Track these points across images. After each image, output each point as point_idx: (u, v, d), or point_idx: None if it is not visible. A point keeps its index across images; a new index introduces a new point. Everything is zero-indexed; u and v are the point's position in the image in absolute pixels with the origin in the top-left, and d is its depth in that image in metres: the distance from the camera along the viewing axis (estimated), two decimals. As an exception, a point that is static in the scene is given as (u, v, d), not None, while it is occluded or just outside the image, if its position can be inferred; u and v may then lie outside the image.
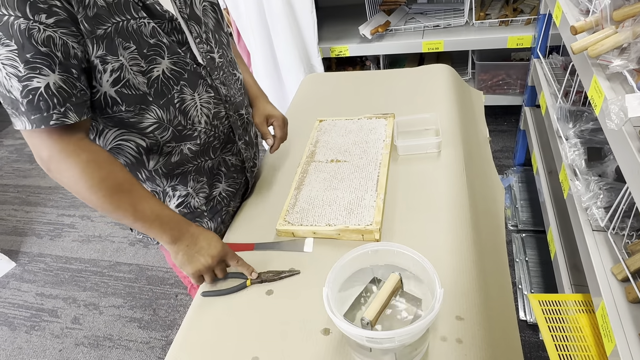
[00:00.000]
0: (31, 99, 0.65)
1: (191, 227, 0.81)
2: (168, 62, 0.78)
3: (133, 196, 0.75)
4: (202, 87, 0.85)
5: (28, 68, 0.63)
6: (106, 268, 2.06)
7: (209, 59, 0.86)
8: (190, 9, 0.84)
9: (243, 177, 1.03)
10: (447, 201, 0.95)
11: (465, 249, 0.86)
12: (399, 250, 0.70)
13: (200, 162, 0.91)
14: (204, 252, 0.80)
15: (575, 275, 1.19)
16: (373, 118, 1.21)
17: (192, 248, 0.80)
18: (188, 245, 0.80)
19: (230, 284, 0.86)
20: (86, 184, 0.71)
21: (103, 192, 0.72)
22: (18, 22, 0.61)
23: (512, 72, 2.04)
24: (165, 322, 1.74)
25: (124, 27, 0.71)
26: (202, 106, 0.86)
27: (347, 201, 0.95)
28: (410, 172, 1.04)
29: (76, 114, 0.69)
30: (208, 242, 0.81)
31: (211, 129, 0.89)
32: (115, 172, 0.74)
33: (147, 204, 0.76)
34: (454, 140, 1.12)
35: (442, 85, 1.34)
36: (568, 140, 1.20)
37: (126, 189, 0.74)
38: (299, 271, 0.86)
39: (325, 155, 1.11)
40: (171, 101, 0.80)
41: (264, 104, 1.09)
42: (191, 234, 0.80)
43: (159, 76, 0.77)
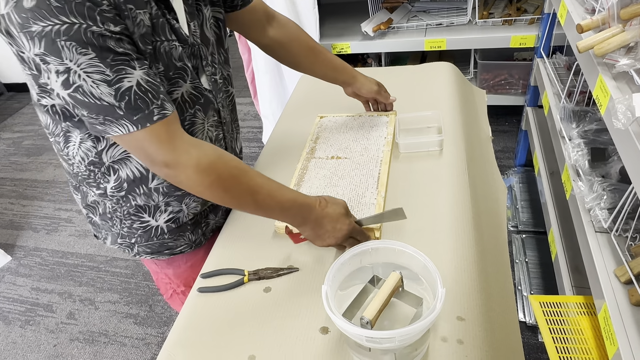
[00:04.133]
0: (128, 100, 0.63)
1: (313, 211, 0.78)
2: (189, 85, 0.77)
3: (250, 186, 0.73)
4: (211, 111, 0.85)
5: (114, 71, 0.61)
6: (102, 263, 2.05)
7: (213, 81, 0.85)
8: (201, 31, 0.81)
9: None
10: (449, 200, 0.93)
11: (467, 248, 0.84)
12: (400, 248, 0.69)
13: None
14: (329, 234, 0.79)
15: (577, 277, 1.18)
16: (375, 115, 1.19)
17: (318, 230, 0.79)
18: (313, 228, 0.79)
19: (226, 280, 0.84)
20: (205, 179, 0.69)
21: (221, 187, 0.71)
22: (91, 30, 0.59)
23: (514, 72, 2.02)
24: (161, 319, 1.72)
25: (158, 48, 0.70)
26: (208, 129, 0.86)
27: (348, 198, 0.94)
28: (411, 170, 1.03)
29: (170, 103, 0.68)
30: (333, 225, 0.79)
31: None
32: (229, 162, 0.72)
33: (266, 192, 0.74)
34: (456, 139, 1.10)
35: (445, 83, 1.32)
36: (571, 141, 1.19)
37: (242, 181, 0.73)
38: (297, 268, 0.84)
39: (325, 151, 1.10)
40: (182, 123, 0.78)
41: (367, 78, 1.11)
42: (314, 218, 0.78)
43: (177, 98, 0.76)
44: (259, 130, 2.56)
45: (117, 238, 0.92)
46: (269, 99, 2.13)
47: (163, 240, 0.93)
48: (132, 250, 0.95)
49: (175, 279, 1.05)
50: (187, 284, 1.05)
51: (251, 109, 2.93)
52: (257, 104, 2.27)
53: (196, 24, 0.79)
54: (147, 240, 0.91)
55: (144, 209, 0.86)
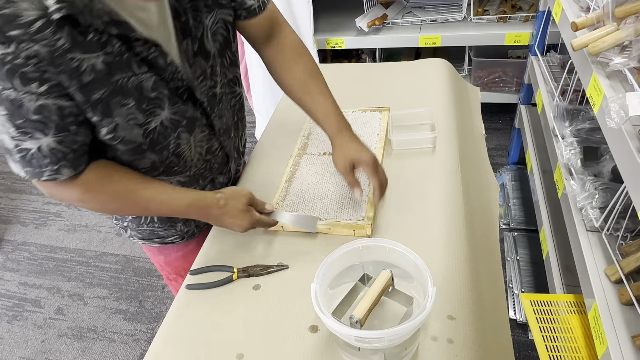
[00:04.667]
0: (24, 155, 0.64)
1: (212, 211, 0.79)
2: (168, 112, 0.74)
3: (140, 204, 0.76)
4: (198, 128, 0.82)
5: (20, 132, 0.61)
6: (92, 258, 2.02)
7: (211, 95, 0.81)
8: (200, 44, 0.75)
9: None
10: (441, 198, 0.93)
11: (459, 246, 0.84)
12: (390, 246, 0.68)
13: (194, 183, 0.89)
14: (232, 227, 0.82)
15: (567, 275, 1.18)
16: (367, 111, 1.18)
17: (220, 224, 0.82)
18: (215, 222, 0.83)
19: (216, 277, 0.83)
20: (92, 207, 0.77)
21: (111, 210, 0.82)
22: (7, 93, 0.57)
23: (508, 70, 2.02)
24: (151, 315, 1.71)
25: (124, 85, 0.66)
26: (196, 145, 0.83)
27: (339, 195, 0.93)
28: (404, 167, 1.02)
29: (72, 168, 0.67)
30: (233, 220, 0.80)
31: (203, 163, 0.88)
32: (115, 188, 0.74)
33: (157, 204, 0.76)
34: (449, 136, 1.09)
35: (439, 79, 1.31)
36: (564, 139, 1.18)
37: (131, 201, 0.75)
38: (287, 266, 0.83)
39: (317, 147, 1.08)
40: (166, 147, 0.78)
41: (347, 143, 0.86)
42: (215, 216, 0.80)
43: (156, 127, 0.74)
44: (252, 125, 2.54)
45: (112, 219, 0.96)
46: (262, 94, 2.11)
47: (153, 228, 0.93)
48: (125, 232, 0.97)
49: (166, 266, 1.05)
50: (178, 273, 1.05)
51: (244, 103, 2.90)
52: (251, 99, 2.24)
53: (189, 42, 0.73)
54: (138, 226, 0.93)
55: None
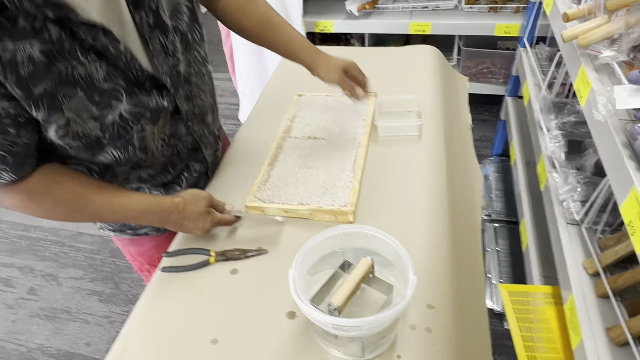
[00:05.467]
0: None
1: (170, 216, 0.76)
2: (127, 104, 0.67)
3: (89, 211, 0.71)
4: (163, 117, 0.75)
5: None
6: (67, 238, 1.97)
7: (174, 74, 0.73)
8: (156, 17, 0.67)
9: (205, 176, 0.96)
10: (425, 186, 0.92)
11: (441, 236, 0.83)
12: (372, 233, 0.66)
13: (158, 180, 0.85)
14: (192, 230, 0.80)
15: (546, 267, 1.20)
16: (354, 96, 1.16)
17: (180, 229, 0.80)
18: (174, 227, 0.79)
19: (192, 260, 0.81)
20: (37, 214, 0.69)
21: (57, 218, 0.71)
22: None
23: (497, 61, 2.01)
24: (127, 297, 1.68)
25: (69, 75, 0.59)
26: (159, 132, 0.76)
27: (322, 180, 0.91)
28: (389, 154, 1.00)
29: (13, 173, 0.61)
30: (194, 224, 0.78)
31: (169, 148, 0.80)
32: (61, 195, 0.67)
33: (108, 211, 0.72)
34: (435, 125, 1.08)
35: (428, 67, 1.30)
36: (549, 132, 1.18)
37: (79, 208, 0.70)
38: (266, 250, 0.81)
39: (302, 131, 1.06)
40: (130, 142, 0.70)
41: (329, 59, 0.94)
42: (173, 221, 0.77)
43: (115, 120, 0.66)
44: (236, 107, 2.49)
45: None
46: (247, 74, 2.06)
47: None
48: (95, 223, 0.92)
49: (138, 257, 1.01)
50: (151, 263, 1.01)
51: (229, 85, 2.84)
52: (235, 80, 2.19)
53: (143, 14, 0.65)
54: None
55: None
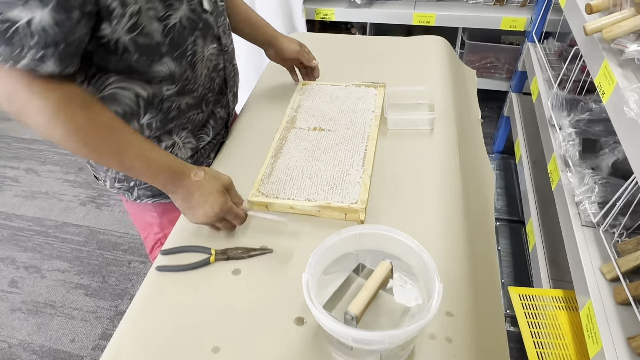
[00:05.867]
0: (6, 29, 0.51)
1: (185, 180, 0.71)
2: (186, 8, 0.70)
3: (117, 144, 0.65)
4: (210, 37, 0.79)
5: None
6: (52, 228, 1.88)
7: (213, 2, 0.78)
8: None
9: (225, 129, 0.99)
10: (439, 183, 0.86)
11: (457, 236, 0.78)
12: (391, 235, 0.61)
13: (192, 115, 0.84)
14: (199, 209, 0.71)
15: (554, 269, 1.16)
16: (362, 86, 1.10)
17: (188, 202, 0.72)
18: (183, 198, 0.72)
19: (190, 258, 0.74)
20: (60, 131, 0.60)
21: (80, 141, 0.62)
22: None
23: (501, 56, 1.97)
24: (115, 291, 1.60)
25: None
26: (207, 59, 0.80)
27: (330, 175, 0.85)
28: (399, 148, 0.95)
29: (58, 62, 0.56)
30: (205, 198, 0.71)
31: (208, 81, 0.83)
32: (95, 116, 0.63)
33: (134, 152, 0.66)
34: (447, 118, 1.03)
35: (437, 58, 1.24)
36: (562, 130, 1.14)
37: (108, 137, 0.65)
38: (271, 250, 0.75)
39: (307, 122, 1.00)
40: (184, 54, 0.74)
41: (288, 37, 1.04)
42: (186, 187, 0.71)
43: (176, 24, 0.70)
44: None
45: (115, 182, 0.87)
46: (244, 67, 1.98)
47: None
48: (132, 194, 0.89)
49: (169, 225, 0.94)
50: None
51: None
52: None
53: None
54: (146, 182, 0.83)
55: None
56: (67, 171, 2.17)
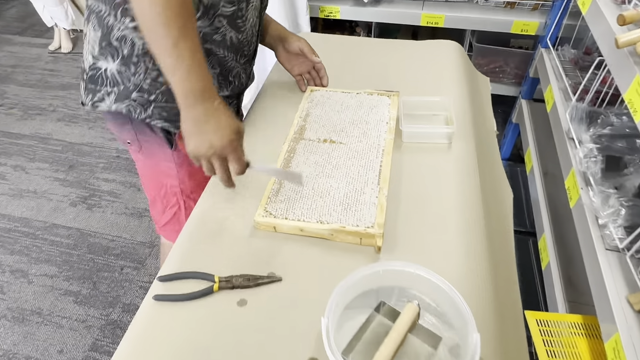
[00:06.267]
0: None
1: (209, 101, 0.69)
2: None
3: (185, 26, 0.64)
4: None
5: None
6: (40, 230, 1.80)
7: None
8: None
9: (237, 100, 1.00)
10: (459, 202, 0.81)
11: (479, 261, 0.73)
12: (418, 273, 0.55)
13: (227, 56, 0.85)
14: (209, 137, 0.69)
15: (569, 289, 1.11)
16: (374, 94, 1.03)
17: (199, 125, 0.69)
18: (196, 119, 0.69)
19: (191, 286, 0.68)
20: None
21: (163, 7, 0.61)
22: None
23: (510, 60, 1.91)
24: (106, 299, 1.53)
25: None
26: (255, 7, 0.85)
27: (344, 194, 0.79)
28: (415, 163, 0.89)
29: None
30: (217, 128, 0.69)
31: (251, 33, 0.87)
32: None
33: (191, 43, 0.65)
34: (465, 132, 0.97)
35: (452, 64, 1.18)
36: (582, 145, 1.09)
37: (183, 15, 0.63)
38: (280, 278, 0.69)
39: (317, 132, 0.93)
40: None
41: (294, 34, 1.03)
42: (206, 109, 0.68)
43: None
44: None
45: (133, 92, 0.80)
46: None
47: None
48: (145, 110, 0.82)
49: (188, 179, 0.94)
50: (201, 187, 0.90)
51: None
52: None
53: None
54: (167, 100, 0.82)
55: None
56: (57, 169, 2.09)
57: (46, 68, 2.87)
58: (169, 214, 1.01)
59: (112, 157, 2.16)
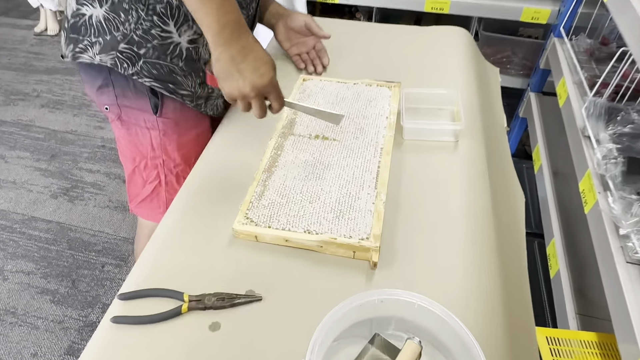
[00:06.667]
0: None
1: (245, 36, 0.65)
2: None
3: None
4: None
5: None
6: (18, 223, 1.70)
7: None
8: None
9: None
10: (467, 209, 0.71)
11: (491, 278, 0.64)
12: (421, 304, 0.46)
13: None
14: (247, 74, 0.65)
15: (580, 301, 1.03)
16: (373, 85, 0.93)
17: (237, 63, 0.64)
18: (233, 57, 0.64)
19: (156, 306, 0.59)
20: None
21: None
22: None
23: (518, 50, 1.80)
24: (85, 299, 1.44)
25: None
26: None
27: (336, 199, 0.69)
28: (417, 164, 0.79)
29: None
30: (258, 65, 0.65)
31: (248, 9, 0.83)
32: None
33: None
34: (474, 129, 0.87)
35: (459, 54, 1.08)
36: (600, 145, 0.99)
37: None
38: (260, 297, 0.60)
39: (308, 127, 0.83)
40: None
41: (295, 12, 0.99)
42: (243, 45, 0.64)
43: None
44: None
45: (121, 42, 0.72)
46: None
47: (174, 67, 0.76)
48: (133, 64, 0.74)
49: (174, 151, 0.86)
50: (187, 162, 0.88)
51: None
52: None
53: None
54: (159, 57, 0.74)
55: (173, 14, 0.72)
56: (38, 158, 1.98)
57: (31, 51, 2.75)
58: (149, 188, 0.92)
59: (97, 146, 2.05)
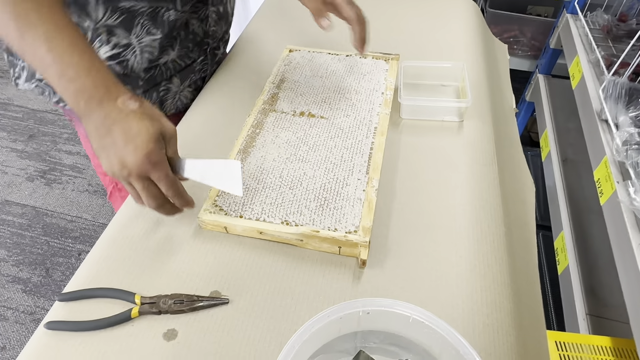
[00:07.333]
0: None
1: (107, 103, 0.46)
2: None
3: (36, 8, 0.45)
4: None
5: None
6: (-9, 207, 1.61)
7: None
8: None
9: (198, 57, 0.79)
10: (473, 200, 0.62)
11: (500, 282, 0.55)
12: (416, 318, 0.37)
13: (160, 7, 0.66)
14: (116, 150, 0.46)
15: (591, 301, 0.94)
16: (369, 57, 0.83)
17: (102, 136, 0.47)
18: (97, 128, 0.47)
19: (102, 309, 0.49)
20: None
21: None
22: None
23: (526, 30, 1.69)
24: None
25: None
26: None
27: (320, 184, 0.60)
28: (416, 147, 0.69)
29: None
30: (128, 138, 0.46)
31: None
32: None
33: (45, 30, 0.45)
34: (481, 108, 0.77)
35: (466, 26, 0.97)
36: (620, 129, 0.89)
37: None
38: (227, 299, 0.50)
39: (292, 103, 0.73)
40: None
41: None
42: (105, 114, 0.46)
43: None
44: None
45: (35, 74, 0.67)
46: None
47: None
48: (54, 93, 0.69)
49: None
50: None
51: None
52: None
53: None
54: None
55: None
56: (15, 138, 1.87)
57: (13, 26, 2.61)
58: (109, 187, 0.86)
59: (79, 126, 1.95)
